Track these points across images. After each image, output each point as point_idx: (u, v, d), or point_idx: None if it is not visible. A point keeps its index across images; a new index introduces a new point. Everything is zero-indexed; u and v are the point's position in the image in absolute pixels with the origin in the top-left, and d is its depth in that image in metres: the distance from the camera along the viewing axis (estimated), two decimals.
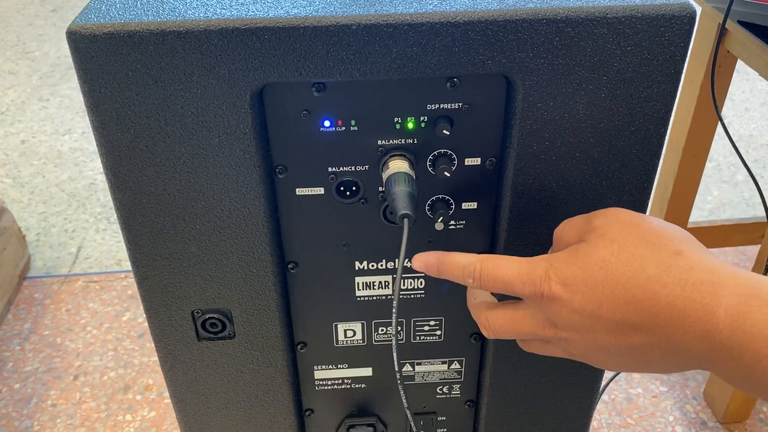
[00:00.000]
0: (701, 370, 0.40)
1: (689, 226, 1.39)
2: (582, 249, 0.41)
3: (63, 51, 2.59)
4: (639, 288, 0.38)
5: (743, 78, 2.34)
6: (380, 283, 0.56)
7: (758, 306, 0.36)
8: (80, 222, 1.74)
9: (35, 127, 2.13)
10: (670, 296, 0.38)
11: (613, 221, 0.42)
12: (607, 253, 0.40)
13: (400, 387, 0.49)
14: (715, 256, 0.40)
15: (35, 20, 2.86)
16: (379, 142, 0.48)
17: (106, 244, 1.66)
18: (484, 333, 0.47)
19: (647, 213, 0.48)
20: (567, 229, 0.45)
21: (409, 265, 0.55)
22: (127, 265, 1.57)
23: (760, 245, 1.10)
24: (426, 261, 0.47)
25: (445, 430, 0.66)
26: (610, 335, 0.40)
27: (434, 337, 0.59)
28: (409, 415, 0.51)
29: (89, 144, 2.04)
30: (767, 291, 0.36)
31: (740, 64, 1.08)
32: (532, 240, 0.51)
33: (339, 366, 0.61)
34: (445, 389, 0.63)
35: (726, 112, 2.17)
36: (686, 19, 0.43)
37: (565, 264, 0.41)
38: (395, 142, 0.48)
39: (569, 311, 0.41)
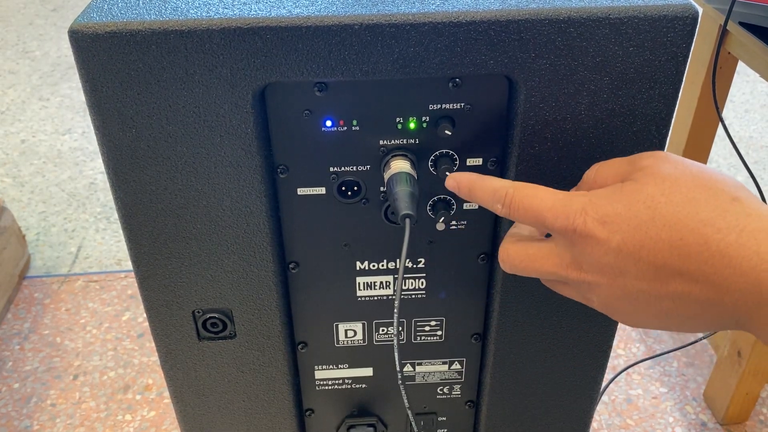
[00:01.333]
0: (733, 329, 0.37)
1: None
2: (628, 186, 0.38)
3: (63, 50, 2.59)
4: (689, 231, 0.35)
5: (743, 79, 2.35)
6: (381, 283, 0.56)
7: None
8: (80, 222, 1.74)
9: (35, 127, 2.13)
10: (723, 242, 0.35)
11: (663, 161, 0.39)
12: (657, 192, 0.37)
13: (401, 387, 0.49)
14: None
15: (36, 19, 2.86)
16: (381, 142, 0.48)
17: (106, 244, 1.66)
18: (502, 265, 0.44)
19: None
20: (604, 171, 0.42)
21: (410, 265, 0.55)
22: (127, 264, 1.57)
23: None
24: (459, 180, 0.45)
25: (445, 430, 0.66)
26: (644, 281, 0.37)
27: (435, 338, 0.59)
28: (410, 415, 0.51)
29: (89, 143, 2.04)
30: None
31: (740, 66, 1.08)
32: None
33: (339, 366, 0.61)
34: (445, 389, 0.63)
35: (726, 113, 2.17)
36: (688, 20, 0.43)
37: (607, 200, 0.38)
38: (397, 142, 0.48)
39: (603, 252, 0.38)
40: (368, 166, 0.49)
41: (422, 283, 0.56)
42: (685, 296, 0.37)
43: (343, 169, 0.49)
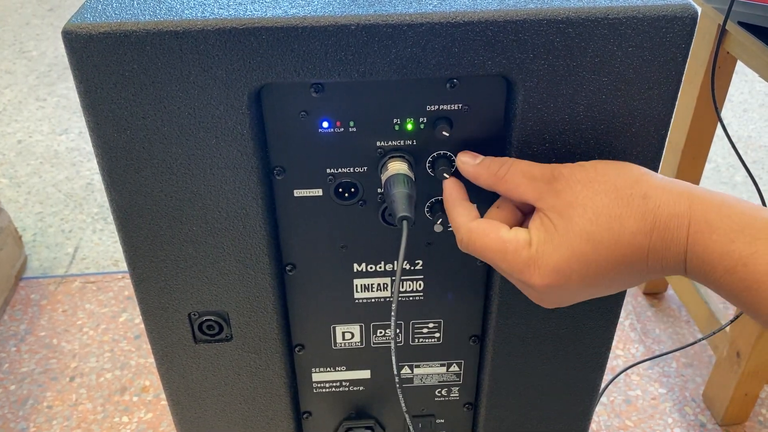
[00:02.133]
0: None
1: None
2: (560, 227, 0.42)
3: (60, 50, 2.58)
4: (626, 246, 0.41)
5: (742, 79, 2.34)
6: (379, 285, 0.55)
7: (708, 233, 0.39)
8: (77, 222, 1.73)
9: (32, 127, 2.12)
10: (652, 242, 0.41)
11: (573, 183, 0.42)
12: (586, 223, 0.41)
13: (398, 390, 0.49)
14: (665, 177, 0.43)
15: (32, 19, 2.85)
16: (378, 144, 0.48)
17: (103, 245, 1.66)
18: (459, 243, 0.46)
19: None
20: (516, 174, 0.44)
21: (408, 267, 0.54)
22: (124, 265, 1.57)
23: None
24: (444, 190, 0.48)
25: None
26: (598, 288, 0.43)
27: (433, 340, 0.59)
28: (407, 419, 0.51)
29: (86, 144, 2.03)
30: (714, 218, 0.40)
31: (738, 65, 1.08)
32: None
33: (337, 368, 0.60)
34: (443, 392, 0.63)
35: (724, 113, 2.17)
36: (687, 20, 0.42)
37: (551, 247, 0.42)
38: (394, 143, 0.48)
39: (566, 291, 0.43)
40: (365, 168, 0.49)
41: (420, 285, 0.55)
42: (630, 281, 0.44)
43: (340, 170, 0.49)
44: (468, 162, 0.46)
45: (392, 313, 0.46)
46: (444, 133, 0.46)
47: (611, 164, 0.43)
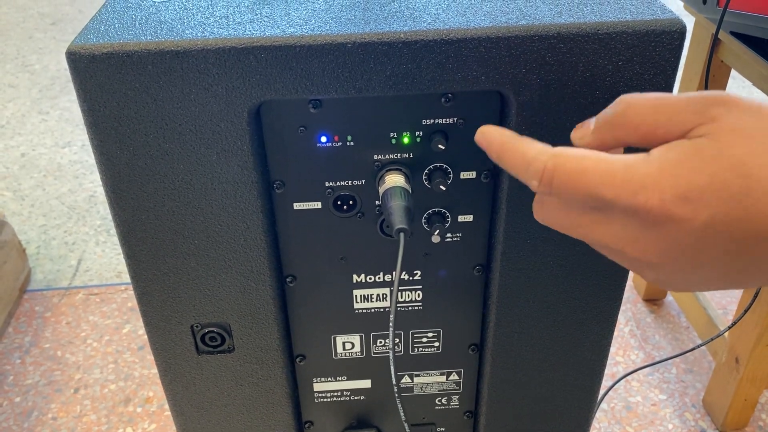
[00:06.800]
0: None
1: None
2: (707, 149, 0.31)
3: (63, 64, 2.60)
4: None
5: (740, 85, 2.35)
6: (378, 295, 0.56)
7: None
8: (80, 234, 1.74)
9: (35, 140, 2.14)
10: None
11: (740, 111, 0.32)
12: (745, 153, 0.30)
13: (397, 400, 0.49)
14: None
15: (35, 33, 2.87)
16: (376, 157, 0.49)
17: (106, 257, 1.67)
18: (538, 175, 0.35)
19: None
20: (645, 112, 0.34)
21: (406, 277, 0.55)
22: (127, 277, 1.57)
23: None
24: (490, 139, 0.39)
25: None
26: (729, 255, 0.32)
27: (432, 349, 0.60)
28: (406, 428, 0.52)
29: (89, 156, 2.04)
30: None
31: (736, 72, 1.09)
32: (529, 252, 0.52)
33: (338, 378, 0.61)
34: (443, 400, 0.63)
35: None
36: (676, 35, 0.43)
37: (686, 170, 0.31)
38: (391, 156, 0.49)
39: (685, 232, 0.31)
40: (363, 181, 0.50)
41: (419, 295, 0.56)
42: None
43: (338, 183, 0.50)
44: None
45: (390, 324, 0.47)
46: (440, 146, 0.47)
47: None
